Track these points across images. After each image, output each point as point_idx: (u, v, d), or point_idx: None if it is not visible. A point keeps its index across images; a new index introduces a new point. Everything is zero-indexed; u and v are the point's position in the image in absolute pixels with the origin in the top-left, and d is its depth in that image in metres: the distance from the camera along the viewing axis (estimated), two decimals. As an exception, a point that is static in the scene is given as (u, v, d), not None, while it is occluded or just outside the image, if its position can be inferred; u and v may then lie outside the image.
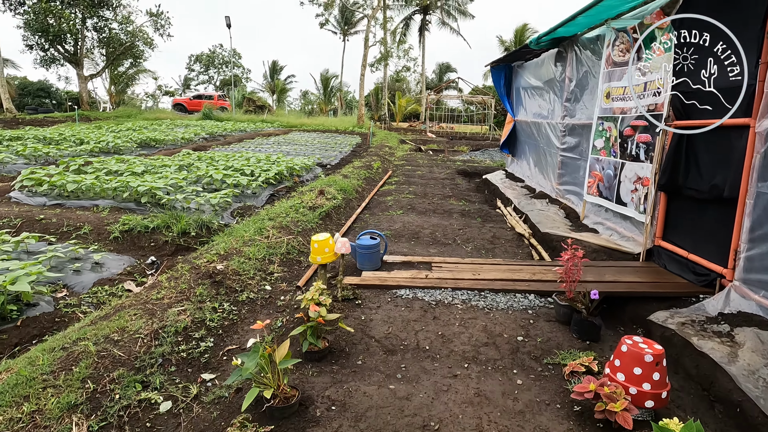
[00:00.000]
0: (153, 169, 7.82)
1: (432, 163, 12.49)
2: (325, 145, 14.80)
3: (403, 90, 50.49)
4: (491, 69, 9.77)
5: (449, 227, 5.35)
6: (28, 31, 25.63)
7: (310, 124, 24.98)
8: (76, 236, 4.73)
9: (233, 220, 5.72)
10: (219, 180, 6.89)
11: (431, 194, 7.49)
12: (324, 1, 25.78)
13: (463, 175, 10.26)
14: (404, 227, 5.27)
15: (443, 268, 3.83)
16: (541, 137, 7.47)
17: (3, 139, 11.78)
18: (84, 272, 3.92)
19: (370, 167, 9.80)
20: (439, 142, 20.35)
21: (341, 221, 5.69)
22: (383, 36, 29.38)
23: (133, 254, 4.52)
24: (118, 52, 29.04)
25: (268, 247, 4.18)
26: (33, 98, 41.50)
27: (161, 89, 44.12)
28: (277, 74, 51.49)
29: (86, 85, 29.01)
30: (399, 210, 6.21)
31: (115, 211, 5.66)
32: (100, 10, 27.09)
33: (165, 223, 4.80)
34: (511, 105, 9.40)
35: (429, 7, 36.46)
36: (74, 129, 14.53)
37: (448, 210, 6.27)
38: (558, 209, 6.10)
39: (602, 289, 3.28)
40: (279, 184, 7.71)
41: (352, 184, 7.36)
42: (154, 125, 18.08)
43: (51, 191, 6.32)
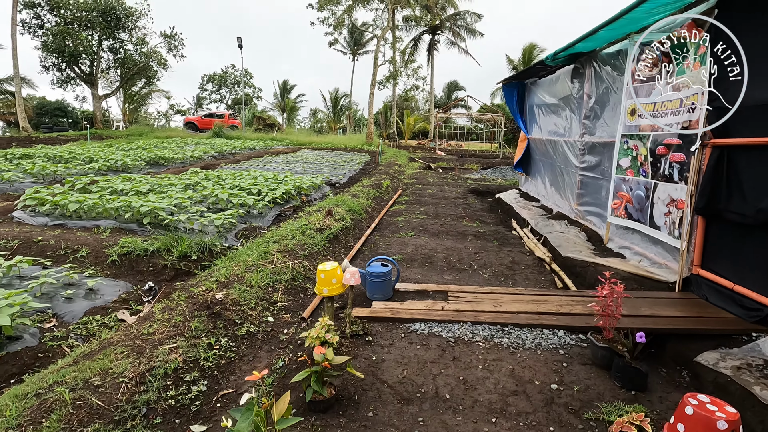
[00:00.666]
0: (159, 188, 7.67)
1: (442, 181, 12.24)
2: (333, 164, 14.66)
3: (411, 108, 50.84)
4: (503, 86, 9.58)
5: (464, 251, 5.04)
6: (45, 52, 26.29)
7: (319, 142, 25.02)
8: (73, 259, 4.51)
9: (238, 242, 5.48)
10: (224, 200, 6.69)
11: (443, 215, 7.20)
12: (334, 21, 26.12)
13: (475, 194, 9.97)
14: (416, 251, 4.98)
15: (460, 297, 3.52)
16: (557, 156, 7.19)
17: (14, 157, 11.82)
18: (76, 300, 3.68)
19: (379, 186, 9.57)
20: (448, 159, 20.15)
21: (350, 244, 5.42)
22: (392, 55, 29.63)
23: (131, 279, 4.28)
24: (132, 73, 29.63)
25: (272, 273, 3.91)
26: (50, 117, 42.46)
27: (173, 108, 44.90)
28: (287, 93, 52.26)
29: (100, 104, 29.55)
30: (410, 232, 5.93)
31: (116, 232, 5.47)
32: (117, 32, 27.78)
33: (165, 246, 4.58)
34: (525, 123, 9.16)
35: (438, 27, 36.90)
36: (85, 147, 14.60)
37: (462, 232, 5.97)
38: (579, 231, 5.77)
39: (640, 325, 2.94)
40: (286, 204, 7.49)
41: (361, 204, 7.12)
42: (164, 143, 18.17)
43: (53, 211, 6.17)
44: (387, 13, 28.67)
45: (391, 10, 27.80)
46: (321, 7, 25.42)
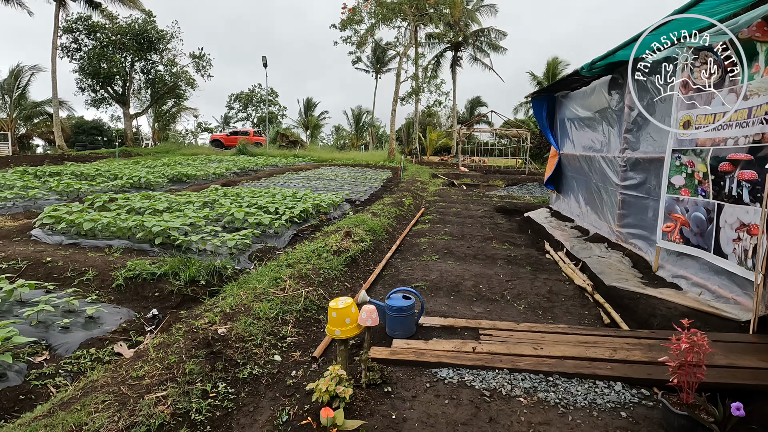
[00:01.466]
0: (176, 206, 7.52)
1: (467, 198, 11.77)
2: (354, 180, 14.42)
3: (434, 124, 50.70)
4: (532, 100, 9.14)
5: (494, 278, 4.57)
6: (82, 74, 27.46)
7: (340, 158, 24.99)
8: (79, 283, 4.29)
9: (251, 264, 5.18)
10: (240, 219, 6.45)
11: (469, 235, 6.74)
12: (357, 40, 26.35)
13: (502, 213, 9.46)
14: (442, 277, 4.54)
15: (494, 336, 3.06)
16: (593, 172, 6.67)
17: (44, 174, 12.07)
18: (74, 329, 3.41)
19: (401, 204, 9.20)
20: (472, 176, 19.66)
21: (369, 268, 5.04)
22: (415, 72, 29.59)
23: (135, 305, 4.01)
24: (162, 92, 30.60)
25: (283, 303, 3.56)
26: (87, 135, 44.37)
27: (201, 126, 46.15)
28: (311, 111, 53.11)
29: (131, 122, 30.55)
30: (434, 255, 5.50)
31: (127, 253, 5.26)
32: (148, 54, 28.84)
33: (173, 270, 4.30)
34: (555, 138, 8.67)
35: (461, 43, 36.85)
36: (112, 165, 14.88)
37: (491, 255, 5.50)
38: (622, 256, 5.21)
39: (718, 379, 2.42)
40: (304, 223, 7.20)
41: (381, 224, 6.75)
42: (188, 160, 18.43)
43: (69, 230, 6.06)
44: (409, 31, 28.76)
45: (413, 28, 27.87)
46: (344, 27, 25.70)
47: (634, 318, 3.73)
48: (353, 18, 25.24)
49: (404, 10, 25.42)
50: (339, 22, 25.51)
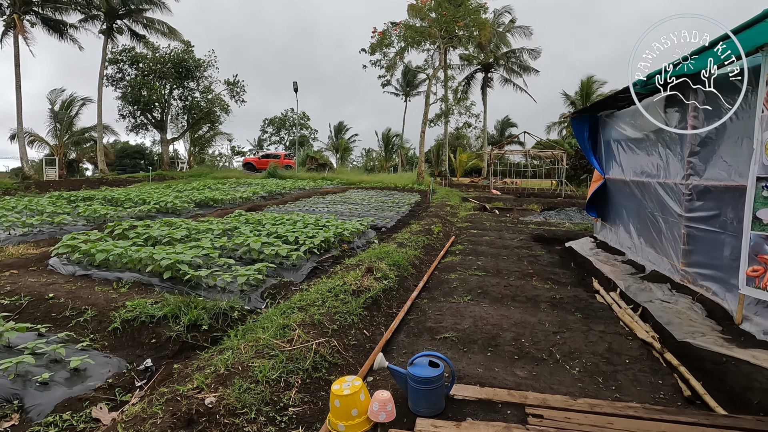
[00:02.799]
0: (195, 234, 7.26)
1: (500, 225, 11.03)
2: (381, 204, 13.97)
3: (463, 146, 50.13)
4: (572, 121, 8.46)
5: (539, 328, 3.89)
6: (124, 101, 28.85)
7: (369, 181, 24.73)
8: (75, 324, 3.94)
9: (262, 303, 4.72)
10: (256, 250, 6.05)
11: (506, 270, 6.06)
12: (386, 63, 26.44)
13: (540, 242, 8.69)
14: (476, 326, 3.90)
15: (546, 420, 2.41)
16: (648, 200, 5.89)
17: (77, 199, 12.30)
18: (53, 385, 3.00)
19: (429, 232, 8.61)
20: (505, 199, 18.84)
21: (392, 310, 4.46)
22: (444, 94, 29.34)
23: (129, 353, 3.59)
24: (198, 118, 31.69)
25: (288, 360, 3.03)
26: (130, 159, 46.65)
27: (234, 150, 47.53)
28: (341, 134, 53.86)
29: (167, 147, 31.66)
30: (467, 295, 4.86)
31: (135, 288, 4.93)
32: (186, 82, 30.03)
33: (173, 312, 3.88)
34: (599, 161, 7.92)
35: (491, 65, 36.50)
36: (143, 189, 15.12)
37: (533, 297, 4.80)
38: (691, 302, 4.40)
39: None
40: (325, 253, 6.73)
41: (407, 256, 6.18)
42: (218, 184, 18.60)
43: (83, 260, 5.84)
44: (439, 53, 28.68)
45: (442, 50, 27.78)
46: (373, 51, 25.89)
47: (722, 389, 2.96)
48: (383, 42, 25.41)
49: (433, 33, 25.39)
50: (369, 46, 25.75)
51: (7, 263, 5.88)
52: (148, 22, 28.97)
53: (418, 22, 25.79)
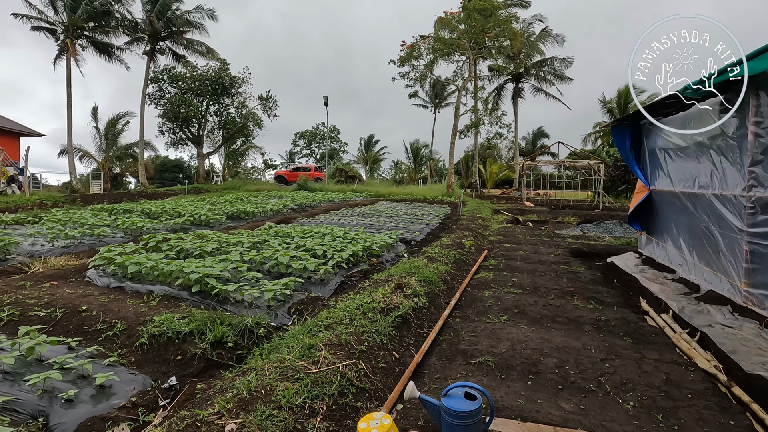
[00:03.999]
0: (226, 247, 7.31)
1: (535, 239, 10.58)
2: (411, 217, 13.77)
3: (494, 156, 49.38)
4: (612, 129, 8.03)
5: (584, 353, 3.56)
6: (164, 118, 30.18)
7: (398, 193, 24.62)
8: (105, 338, 3.94)
9: (289, 319, 4.60)
10: (284, 264, 5.99)
11: (543, 288, 5.71)
12: (415, 75, 26.47)
13: (579, 257, 8.23)
14: (514, 350, 3.62)
15: (600, 465, 2.11)
16: (701, 213, 5.42)
17: (117, 212, 12.78)
18: (78, 403, 2.96)
19: (461, 246, 8.33)
20: (538, 211, 18.22)
21: (422, 330, 4.23)
22: (474, 105, 29.01)
23: (154, 370, 3.53)
24: (232, 132, 32.72)
25: (314, 384, 2.86)
26: (169, 173, 48.70)
27: (266, 163, 48.75)
28: (371, 147, 54.29)
29: (203, 161, 32.78)
30: (502, 315, 4.57)
31: (165, 301, 4.93)
32: (222, 98, 31.14)
33: (199, 328, 3.82)
34: (644, 171, 7.44)
35: (522, 74, 35.92)
36: (179, 202, 15.59)
37: (575, 318, 4.46)
38: (759, 328, 3.94)
39: None
40: (353, 267, 6.59)
41: (438, 272, 5.94)
42: (250, 197, 18.97)
43: (117, 272, 5.94)
44: (468, 64, 28.48)
45: (472, 61, 27.57)
46: (402, 63, 25.99)
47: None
48: (411, 54, 25.48)
49: (462, 44, 25.26)
50: (398, 58, 25.87)
51: (48, 274, 6.06)
52: (188, 43, 30.38)
53: (447, 34, 25.75)
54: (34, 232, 8.93)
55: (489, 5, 24.57)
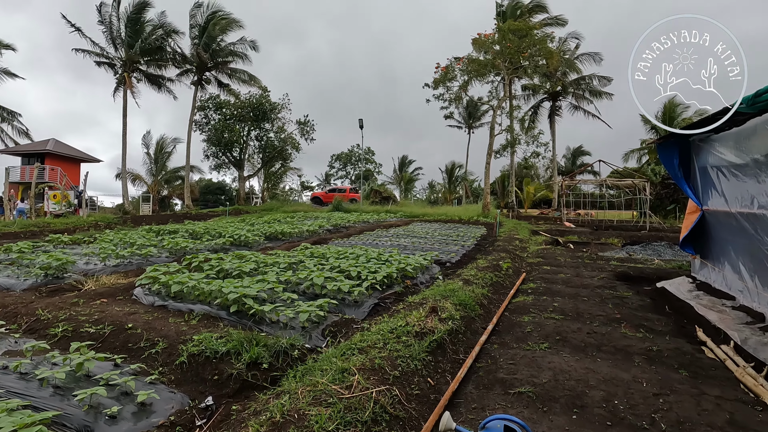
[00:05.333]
0: (263, 267, 7.47)
1: (576, 261, 10.14)
2: (446, 238, 13.60)
3: (531, 176, 48.38)
4: (657, 147, 7.67)
5: (635, 387, 3.31)
6: (208, 143, 31.81)
7: (432, 213, 24.48)
8: (147, 356, 4.08)
9: (323, 341, 4.60)
10: (319, 285, 6.03)
11: (587, 314, 5.41)
12: (449, 96, 26.61)
13: (625, 282, 7.78)
14: (556, 380, 3.42)
15: None
16: (763, 235, 5.01)
17: (163, 232, 13.43)
18: (120, 420, 3.05)
19: (497, 268, 8.10)
20: (579, 232, 17.52)
21: (458, 356, 4.10)
22: (510, 124, 28.70)
23: (192, 389, 3.60)
24: (271, 156, 33.95)
25: (346, 410, 2.81)
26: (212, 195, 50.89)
27: (303, 185, 50.07)
28: (405, 167, 54.65)
29: (244, 183, 34.09)
30: (543, 342, 4.36)
31: (204, 320, 5.07)
32: (262, 123, 32.53)
33: (236, 349, 3.88)
34: (695, 190, 7.01)
35: (559, 93, 35.33)
36: (220, 223, 16.21)
37: (623, 348, 4.18)
38: (838, 364, 3.53)
39: None
40: (387, 289, 6.54)
41: (474, 295, 5.78)
42: (287, 217, 19.45)
43: (161, 291, 6.18)
44: (503, 84, 28.36)
45: (507, 81, 27.44)
46: (437, 85, 26.24)
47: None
48: (446, 76, 25.70)
49: (497, 64, 25.23)
50: (432, 80, 26.16)
51: (100, 292, 6.40)
52: (232, 72, 32.16)
53: (482, 56, 25.85)
54: (89, 252, 9.51)
55: (524, 26, 24.54)
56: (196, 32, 30.36)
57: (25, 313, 5.18)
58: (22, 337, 4.61)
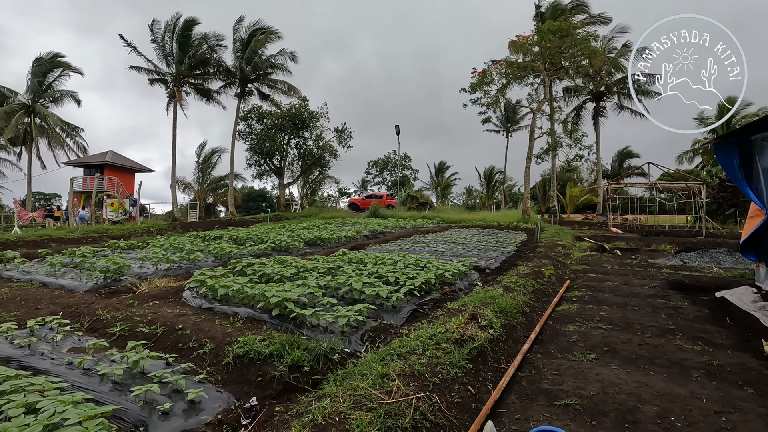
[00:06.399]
0: (303, 272, 7.64)
1: (625, 268, 9.65)
2: (484, 244, 13.36)
3: (573, 180, 46.67)
4: (714, 147, 7.19)
5: (693, 403, 3.10)
6: (251, 152, 33.04)
7: (470, 219, 24.12)
8: (196, 356, 4.27)
9: (362, 346, 4.63)
10: (358, 290, 6.09)
11: (638, 324, 5.13)
12: (487, 100, 26.21)
13: (679, 291, 7.32)
14: (605, 393, 3.26)
15: None
16: (840, 242, 4.57)
17: (209, 238, 14.04)
18: (172, 416, 3.21)
19: (539, 275, 7.86)
20: (627, 238, 16.68)
21: (499, 365, 4.00)
22: (551, 127, 27.86)
23: (237, 389, 3.73)
24: (310, 163, 34.77)
25: (386, 415, 2.82)
26: (254, 202, 52.70)
27: (340, 191, 50.86)
28: (442, 173, 54.27)
29: (284, 190, 35.10)
30: (590, 353, 4.17)
31: (248, 323, 5.25)
32: (301, 132, 33.42)
33: (278, 351, 3.98)
34: (758, 192, 6.51)
35: (603, 93, 33.96)
36: (262, 229, 16.74)
37: (678, 361, 3.92)
38: None
39: None
40: (425, 295, 6.51)
41: (516, 302, 5.64)
42: (325, 224, 19.80)
43: (208, 294, 6.45)
44: (543, 86, 27.63)
45: (548, 83, 26.70)
46: (474, 90, 25.94)
47: None
48: (483, 80, 25.36)
49: (537, 67, 24.62)
50: (469, 85, 25.90)
51: (152, 294, 6.78)
52: (272, 83, 33.34)
53: (521, 58, 25.31)
54: (142, 256, 10.10)
55: (564, 26, 23.84)
56: (239, 46, 31.75)
57: (87, 313, 5.57)
58: (85, 335, 4.96)
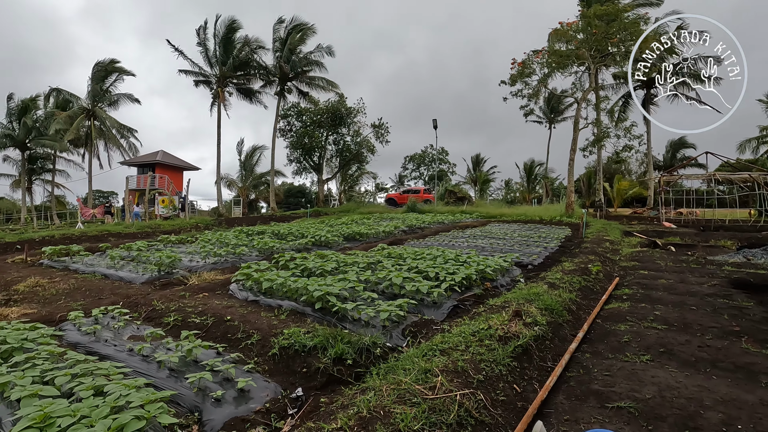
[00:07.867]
0: (343, 266, 7.75)
1: (680, 265, 9.08)
2: (526, 239, 13.00)
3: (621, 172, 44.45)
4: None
5: (762, 411, 2.87)
6: (291, 149, 33.84)
7: (510, 214, 23.53)
8: (244, 346, 4.44)
9: (403, 341, 4.64)
10: (398, 285, 6.10)
11: (697, 325, 4.82)
12: (528, 92, 25.36)
13: (743, 289, 6.79)
14: (662, 397, 3.09)
15: None
16: None
17: (253, 233, 14.54)
18: (223, 403, 3.35)
19: (586, 271, 7.55)
20: (682, 233, 15.68)
21: (545, 363, 3.89)
22: (596, 117, 26.58)
23: (283, 380, 3.84)
24: (348, 159, 35.14)
25: (431, 410, 2.81)
26: (294, 198, 54.03)
27: (378, 187, 51.09)
28: (480, 166, 53.26)
29: (322, 186, 35.71)
30: (644, 354, 3.96)
31: (292, 315, 5.40)
32: (339, 128, 33.82)
33: (322, 344, 4.07)
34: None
35: (654, 80, 31.93)
36: (303, 224, 17.13)
37: (744, 365, 3.65)
38: None
39: None
40: (466, 291, 6.42)
41: (561, 300, 5.44)
42: (363, 219, 19.98)
43: (253, 287, 6.69)
44: (589, 75, 26.39)
45: (593, 71, 25.47)
46: (513, 82, 25.17)
47: None
48: (523, 72, 24.55)
49: (581, 54, 23.53)
50: (509, 77, 25.16)
51: (201, 287, 7.11)
52: (310, 80, 33.89)
53: (563, 46, 24.26)
54: (192, 250, 10.62)
55: (612, 9, 22.59)
56: (278, 45, 32.48)
57: (143, 303, 5.93)
58: (143, 324, 5.29)
